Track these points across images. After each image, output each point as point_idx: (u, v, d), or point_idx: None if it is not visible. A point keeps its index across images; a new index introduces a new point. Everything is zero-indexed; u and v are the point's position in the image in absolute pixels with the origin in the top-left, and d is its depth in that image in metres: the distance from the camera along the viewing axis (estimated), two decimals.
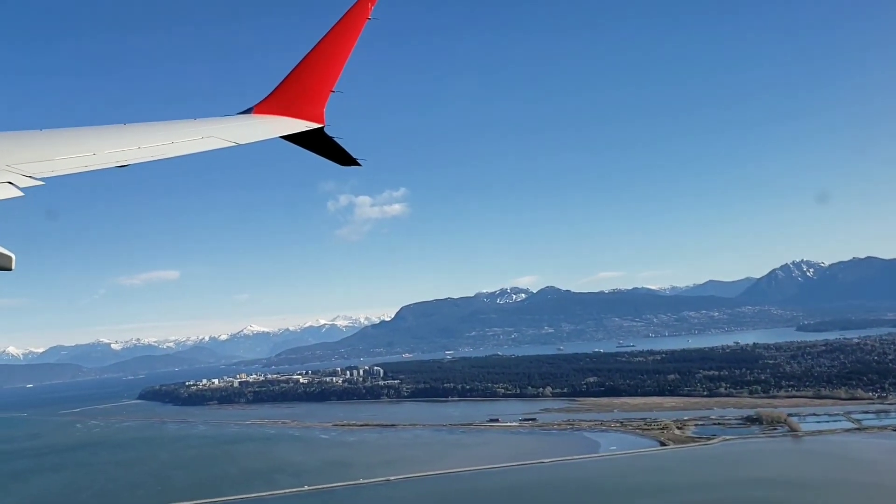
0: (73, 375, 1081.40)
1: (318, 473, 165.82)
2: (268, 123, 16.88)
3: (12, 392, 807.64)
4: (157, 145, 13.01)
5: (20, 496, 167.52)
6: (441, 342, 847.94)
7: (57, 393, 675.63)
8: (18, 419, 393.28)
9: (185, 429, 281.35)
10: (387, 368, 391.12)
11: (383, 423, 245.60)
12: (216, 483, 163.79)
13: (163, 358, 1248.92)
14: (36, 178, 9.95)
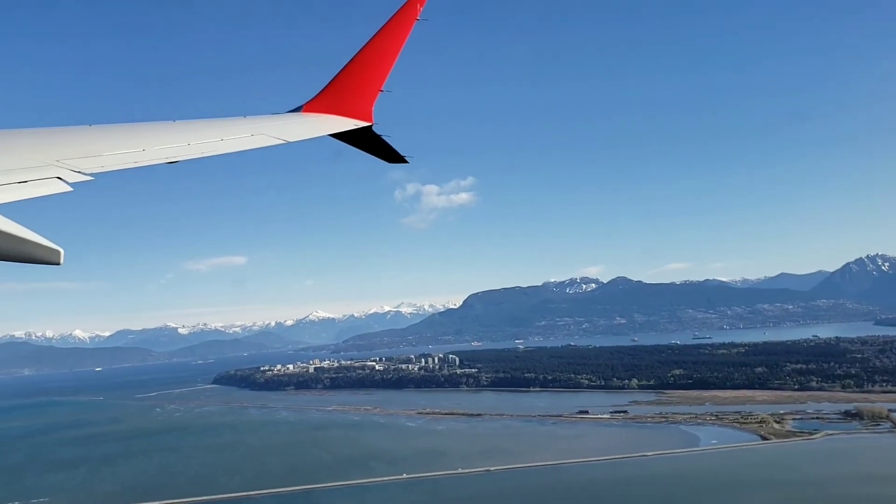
0: (143, 359, 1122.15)
1: (414, 462, 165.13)
2: (316, 122, 17.29)
3: (82, 375, 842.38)
4: (207, 142, 13.20)
5: (115, 481, 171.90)
6: (510, 331, 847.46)
7: (127, 377, 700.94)
8: (95, 402, 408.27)
9: (267, 414, 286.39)
10: (462, 357, 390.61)
11: (469, 413, 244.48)
12: (312, 469, 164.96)
13: (231, 343, 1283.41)
14: (85, 173, 9.99)
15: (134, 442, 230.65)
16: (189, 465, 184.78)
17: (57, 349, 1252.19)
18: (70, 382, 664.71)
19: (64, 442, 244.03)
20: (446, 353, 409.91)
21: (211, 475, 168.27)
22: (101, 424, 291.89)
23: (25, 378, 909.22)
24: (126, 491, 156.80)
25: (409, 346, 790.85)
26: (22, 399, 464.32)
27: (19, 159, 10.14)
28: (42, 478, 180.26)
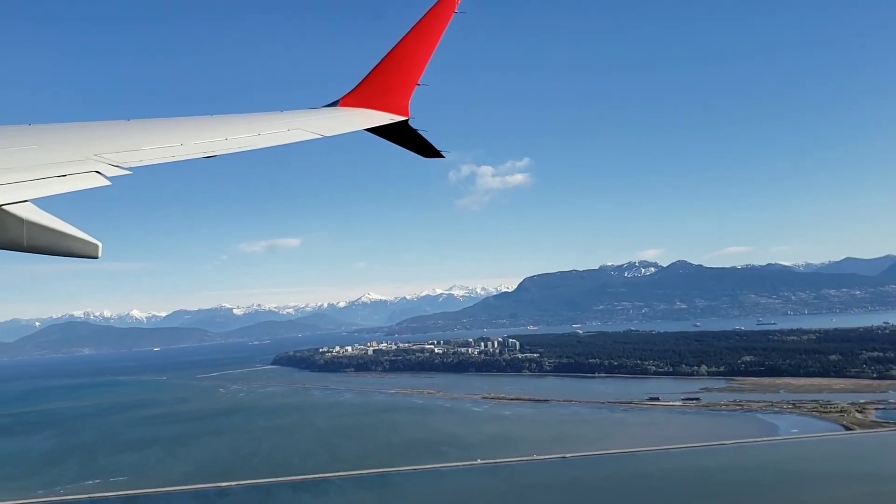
0: (199, 340, 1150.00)
1: (486, 447, 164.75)
2: (353, 116, 17.43)
3: (141, 355, 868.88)
4: (244, 137, 13.37)
5: (189, 461, 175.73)
6: (567, 315, 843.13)
7: (186, 357, 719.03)
8: (158, 382, 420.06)
9: (330, 396, 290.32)
10: (522, 341, 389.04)
11: (535, 398, 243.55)
12: (384, 453, 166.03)
13: (285, 324, 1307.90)
14: (123, 167, 10.11)
15: (203, 422, 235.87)
16: (261, 446, 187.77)
17: (116, 329, 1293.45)
18: (131, 362, 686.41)
19: (133, 422, 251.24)
20: (506, 337, 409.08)
21: (285, 457, 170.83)
22: (168, 404, 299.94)
23: (86, 357, 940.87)
24: (202, 471, 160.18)
25: (464, 330, 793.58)
26: (86, 378, 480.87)
27: (58, 154, 10.32)
28: (117, 457, 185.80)
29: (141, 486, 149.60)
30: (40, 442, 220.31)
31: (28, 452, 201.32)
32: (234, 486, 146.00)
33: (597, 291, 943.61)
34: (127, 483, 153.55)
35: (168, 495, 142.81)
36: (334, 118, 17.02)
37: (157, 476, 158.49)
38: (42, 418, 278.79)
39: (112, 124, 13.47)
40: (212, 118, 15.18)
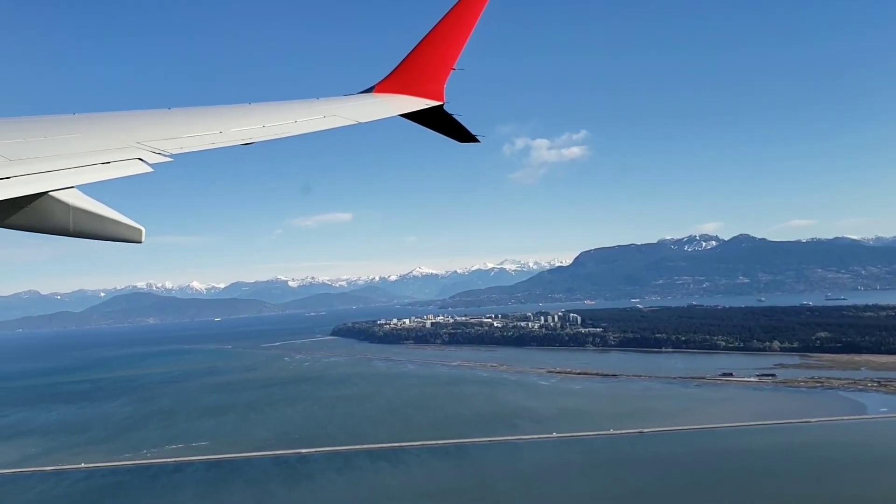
0: (258, 311, 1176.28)
1: (560, 421, 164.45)
2: (388, 102, 17.53)
3: (203, 325, 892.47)
4: (281, 124, 13.70)
5: (266, 428, 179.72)
6: (625, 290, 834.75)
7: (246, 327, 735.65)
8: (225, 351, 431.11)
9: (393, 367, 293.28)
10: (583, 315, 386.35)
11: (603, 373, 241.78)
12: (456, 424, 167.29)
13: (339, 296, 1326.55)
14: (165, 154, 10.41)
15: (273, 390, 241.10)
16: (333, 414, 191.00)
17: (178, 299, 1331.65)
18: (194, 332, 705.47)
19: (206, 389, 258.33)
20: (566, 311, 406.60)
21: (358, 425, 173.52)
22: (237, 372, 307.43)
23: (151, 327, 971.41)
24: (279, 438, 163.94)
25: (518, 304, 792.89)
26: (155, 347, 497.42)
27: (102, 142, 10.63)
28: (195, 422, 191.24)
29: (223, 451, 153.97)
30: (119, 407, 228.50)
31: (110, 417, 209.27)
32: (313, 452, 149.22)
33: (656, 266, 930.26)
34: (209, 448, 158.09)
35: (250, 460, 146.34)
36: (369, 104, 17.29)
37: (237, 441, 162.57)
38: (118, 385, 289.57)
39: (153, 113, 13.82)
40: (249, 106, 15.49)
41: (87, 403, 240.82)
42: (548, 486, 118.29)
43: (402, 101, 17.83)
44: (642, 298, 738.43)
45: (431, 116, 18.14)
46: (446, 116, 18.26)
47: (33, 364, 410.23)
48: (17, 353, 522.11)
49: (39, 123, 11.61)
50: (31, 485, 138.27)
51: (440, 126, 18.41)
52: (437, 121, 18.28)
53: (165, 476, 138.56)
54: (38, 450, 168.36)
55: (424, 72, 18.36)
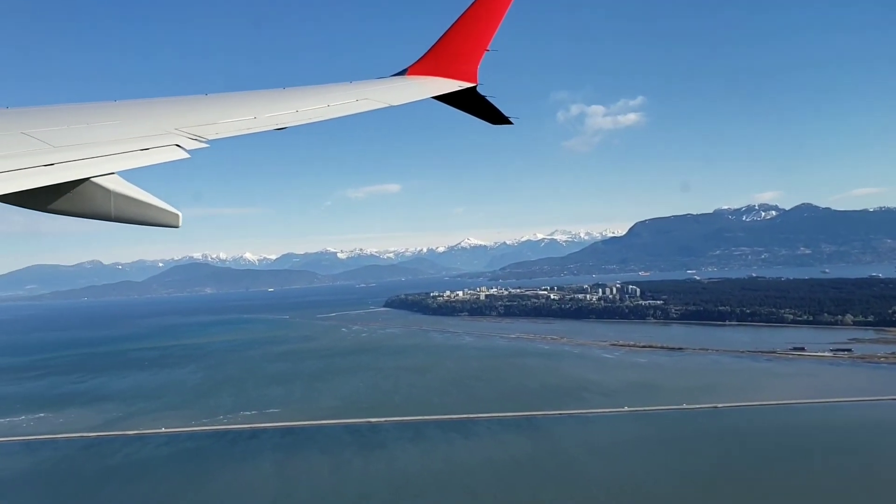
0: (309, 281, 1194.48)
1: (629, 395, 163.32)
2: (421, 85, 17.50)
3: (258, 295, 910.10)
4: (314, 108, 13.95)
5: (333, 396, 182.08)
6: (681, 261, 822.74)
7: (300, 297, 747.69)
8: (282, 321, 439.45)
9: (451, 339, 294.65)
10: (643, 287, 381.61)
11: (668, 346, 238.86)
12: (522, 397, 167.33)
13: (388, 268, 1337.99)
14: (202, 140, 10.77)
15: (334, 360, 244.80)
16: (398, 385, 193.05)
17: (233, 270, 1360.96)
18: (250, 301, 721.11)
19: (270, 357, 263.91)
20: (625, 283, 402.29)
21: (423, 396, 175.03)
22: (296, 342, 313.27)
23: (209, 296, 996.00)
24: (348, 406, 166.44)
25: (571, 275, 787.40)
26: (216, 315, 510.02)
27: (140, 128, 10.88)
28: (265, 390, 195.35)
29: (294, 418, 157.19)
30: (190, 374, 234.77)
31: (182, 384, 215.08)
32: (383, 422, 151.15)
33: (713, 236, 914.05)
34: (281, 415, 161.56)
35: (322, 428, 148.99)
36: (402, 87, 17.30)
37: (307, 409, 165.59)
38: (185, 352, 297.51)
39: (189, 99, 14.11)
40: (283, 91, 15.78)
41: (158, 370, 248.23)
42: (625, 459, 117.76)
43: (436, 83, 17.92)
44: (699, 270, 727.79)
45: (465, 98, 18.19)
46: (480, 98, 18.29)
47: (103, 332, 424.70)
48: (87, 321, 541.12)
49: (81, 111, 11.90)
50: (116, 448, 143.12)
51: (473, 108, 18.48)
52: (471, 103, 18.34)
53: (243, 442, 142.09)
54: (118, 414, 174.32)
55: (458, 53, 18.38)
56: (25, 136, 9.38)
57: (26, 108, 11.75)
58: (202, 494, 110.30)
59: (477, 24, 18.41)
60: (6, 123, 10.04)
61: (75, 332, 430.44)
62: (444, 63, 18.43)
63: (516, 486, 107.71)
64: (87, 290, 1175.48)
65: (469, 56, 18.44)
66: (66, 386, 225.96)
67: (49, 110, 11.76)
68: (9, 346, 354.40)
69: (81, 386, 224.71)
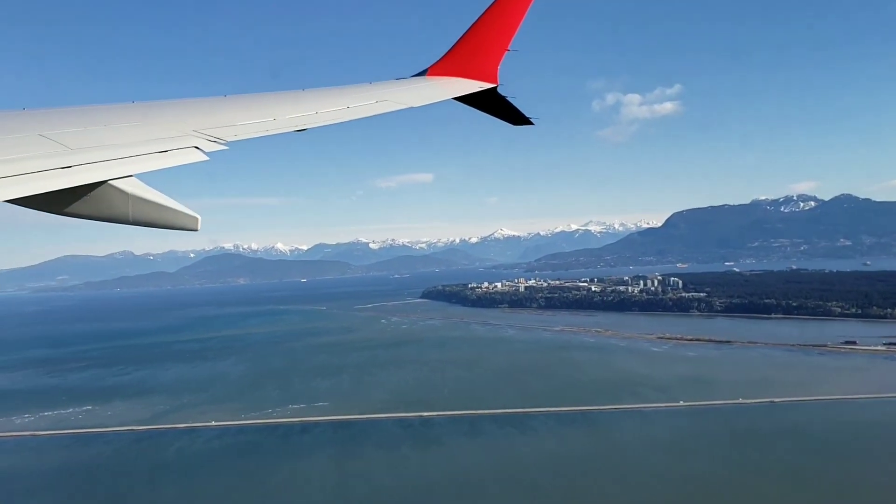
0: (342, 272, 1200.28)
1: (683, 389, 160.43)
2: (441, 86, 17.43)
3: (291, 286, 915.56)
4: (334, 110, 13.86)
5: (382, 390, 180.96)
6: (718, 252, 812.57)
7: (333, 288, 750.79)
8: (320, 312, 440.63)
9: (493, 331, 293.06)
10: (685, 279, 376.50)
11: (716, 339, 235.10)
12: (575, 391, 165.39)
13: (421, 259, 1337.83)
14: (221, 142, 10.69)
15: (378, 352, 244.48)
16: (445, 378, 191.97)
17: (265, 261, 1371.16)
18: (285, 292, 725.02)
19: (312, 349, 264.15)
20: (666, 275, 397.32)
21: (473, 390, 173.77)
22: (337, 333, 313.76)
23: (242, 287, 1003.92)
24: (398, 400, 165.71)
25: (608, 267, 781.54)
26: (252, 307, 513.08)
27: (159, 130, 10.79)
28: (311, 383, 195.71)
29: (345, 412, 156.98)
30: (232, 366, 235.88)
31: (226, 376, 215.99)
32: (435, 416, 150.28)
33: (750, 227, 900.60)
34: (330, 408, 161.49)
35: (374, 422, 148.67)
36: (422, 88, 17.18)
37: (356, 403, 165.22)
38: (226, 344, 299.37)
39: (208, 101, 14.00)
40: (302, 92, 15.70)
41: (200, 362, 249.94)
42: (689, 455, 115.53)
43: (456, 84, 17.84)
44: (737, 262, 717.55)
45: (485, 99, 18.08)
46: (500, 99, 18.19)
47: (142, 323, 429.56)
48: (123, 313, 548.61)
49: (99, 113, 11.79)
50: (167, 442, 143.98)
51: (494, 109, 18.38)
52: (491, 103, 18.22)
53: (295, 436, 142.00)
54: (166, 407, 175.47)
55: (478, 54, 18.29)
56: (43, 138, 9.20)
57: (44, 110, 11.60)
58: (263, 489, 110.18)
59: (497, 24, 18.33)
60: (24, 125, 9.92)
61: (113, 324, 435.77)
62: (465, 63, 18.39)
63: (581, 481, 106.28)
64: (120, 280, 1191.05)
65: (489, 56, 18.38)
66: (109, 378, 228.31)
67: (67, 112, 11.61)
68: (48, 338, 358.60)
69: (125, 378, 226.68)
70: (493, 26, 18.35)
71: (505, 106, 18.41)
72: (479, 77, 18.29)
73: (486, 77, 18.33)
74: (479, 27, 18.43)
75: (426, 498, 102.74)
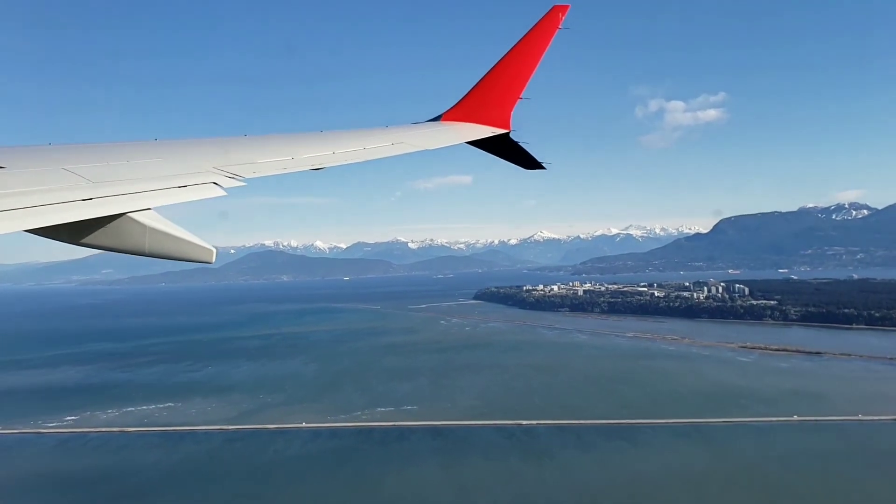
0: (384, 271, 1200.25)
1: (791, 403, 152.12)
2: (455, 130, 18.11)
3: (335, 283, 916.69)
4: (350, 150, 14.34)
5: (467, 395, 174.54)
6: (770, 259, 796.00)
7: (379, 287, 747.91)
8: (375, 312, 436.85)
9: (562, 336, 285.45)
10: (750, 287, 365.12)
11: (804, 350, 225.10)
12: (675, 403, 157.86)
13: (462, 259, 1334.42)
14: (239, 178, 10.98)
15: (449, 355, 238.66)
16: (531, 385, 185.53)
17: (308, 258, 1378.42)
18: (331, 290, 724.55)
19: (378, 350, 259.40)
20: (728, 282, 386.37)
21: (565, 398, 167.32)
22: (399, 334, 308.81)
23: (287, 284, 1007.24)
24: (489, 407, 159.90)
25: (656, 272, 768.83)
26: (302, 304, 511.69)
27: (180, 166, 11.11)
28: (391, 385, 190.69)
29: (438, 417, 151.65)
30: (302, 366, 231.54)
31: (300, 376, 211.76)
32: (535, 425, 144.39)
33: (803, 234, 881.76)
34: (421, 413, 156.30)
35: (472, 429, 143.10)
36: (436, 132, 17.57)
37: (446, 408, 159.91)
38: (289, 342, 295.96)
39: (228, 140, 14.18)
40: (320, 133, 15.86)
41: (267, 361, 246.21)
42: (829, 475, 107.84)
43: (469, 129, 18.28)
44: (791, 269, 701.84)
45: (498, 144, 18.57)
46: (513, 144, 18.76)
47: (198, 318, 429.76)
48: (175, 307, 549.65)
49: (123, 148, 11.96)
50: (262, 443, 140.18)
51: (507, 153, 18.92)
52: (504, 148, 18.77)
53: (393, 442, 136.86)
54: (248, 406, 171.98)
55: (491, 100, 18.74)
56: (66, 172, 9.36)
57: (68, 145, 11.71)
58: (379, 498, 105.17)
59: (510, 73, 18.72)
60: (48, 159, 10.02)
61: (168, 319, 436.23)
62: (478, 110, 18.80)
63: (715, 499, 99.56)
64: (165, 275, 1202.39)
65: (502, 103, 18.80)
66: (181, 374, 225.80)
67: (90, 147, 11.76)
68: (109, 332, 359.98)
69: (197, 375, 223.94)
70: (506, 75, 18.75)
71: (517, 151, 18.94)
72: (492, 123, 18.74)
73: (499, 123, 18.78)
74: (493, 75, 18.82)
75: None
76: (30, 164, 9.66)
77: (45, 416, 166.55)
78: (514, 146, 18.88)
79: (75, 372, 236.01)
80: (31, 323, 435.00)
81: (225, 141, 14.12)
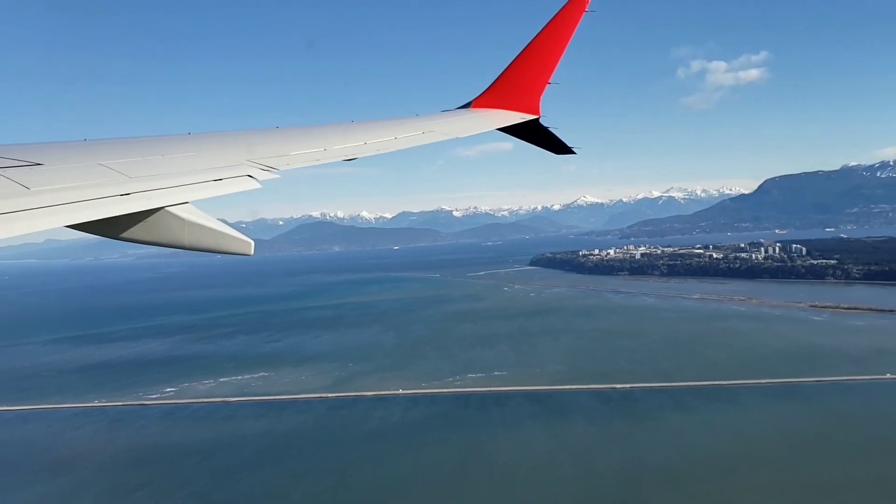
0: (433, 239, 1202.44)
1: (880, 361, 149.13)
2: (484, 117, 18.13)
3: (387, 253, 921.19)
4: (381, 140, 14.42)
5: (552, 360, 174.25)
6: (816, 218, 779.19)
7: (432, 255, 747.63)
8: (435, 280, 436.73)
9: (629, 299, 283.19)
10: (807, 246, 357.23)
11: (876, 308, 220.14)
12: (762, 363, 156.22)
13: (508, 226, 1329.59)
14: (273, 170, 11.04)
15: (521, 321, 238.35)
16: (613, 349, 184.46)
17: (358, 229, 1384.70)
18: (384, 259, 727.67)
19: (450, 317, 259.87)
20: (787, 243, 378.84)
21: (651, 361, 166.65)
22: (465, 301, 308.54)
23: (339, 254, 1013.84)
24: (578, 371, 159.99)
25: (704, 233, 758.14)
26: (362, 274, 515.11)
27: (214, 160, 11.06)
28: (473, 352, 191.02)
29: (529, 382, 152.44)
30: (380, 335, 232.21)
31: (380, 345, 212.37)
32: (630, 388, 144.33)
33: (848, 193, 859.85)
34: (511, 378, 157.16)
35: (568, 393, 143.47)
36: (466, 119, 17.55)
37: (535, 374, 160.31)
38: (359, 311, 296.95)
39: (261, 132, 14.08)
40: (352, 124, 15.76)
41: (344, 330, 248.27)
42: None
43: (499, 116, 18.23)
44: (837, 228, 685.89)
45: (528, 130, 18.54)
46: (542, 129, 18.71)
47: (262, 290, 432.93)
48: (237, 278, 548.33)
49: (157, 143, 11.87)
50: (365, 410, 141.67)
51: (536, 139, 18.88)
52: (534, 134, 18.73)
53: (493, 407, 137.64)
54: (340, 375, 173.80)
55: (520, 87, 18.58)
56: (103, 168, 9.37)
57: (104, 140, 11.64)
58: (496, 463, 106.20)
59: (538, 59, 18.51)
60: (85, 155, 10.01)
61: (233, 290, 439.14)
62: (508, 96, 18.67)
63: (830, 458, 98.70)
64: None
65: (531, 89, 18.65)
66: (262, 345, 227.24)
67: (125, 142, 11.73)
68: (181, 305, 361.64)
69: (279, 345, 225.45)
70: (534, 61, 18.54)
71: (547, 136, 18.84)
72: (521, 109, 18.62)
73: (529, 109, 18.68)
74: (521, 61, 18.63)
75: (677, 476, 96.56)
76: (66, 160, 9.59)
77: (145, 388, 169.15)
78: (544, 131, 18.90)
79: (158, 344, 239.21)
80: (99, 298, 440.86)
81: (257, 133, 14.11)
